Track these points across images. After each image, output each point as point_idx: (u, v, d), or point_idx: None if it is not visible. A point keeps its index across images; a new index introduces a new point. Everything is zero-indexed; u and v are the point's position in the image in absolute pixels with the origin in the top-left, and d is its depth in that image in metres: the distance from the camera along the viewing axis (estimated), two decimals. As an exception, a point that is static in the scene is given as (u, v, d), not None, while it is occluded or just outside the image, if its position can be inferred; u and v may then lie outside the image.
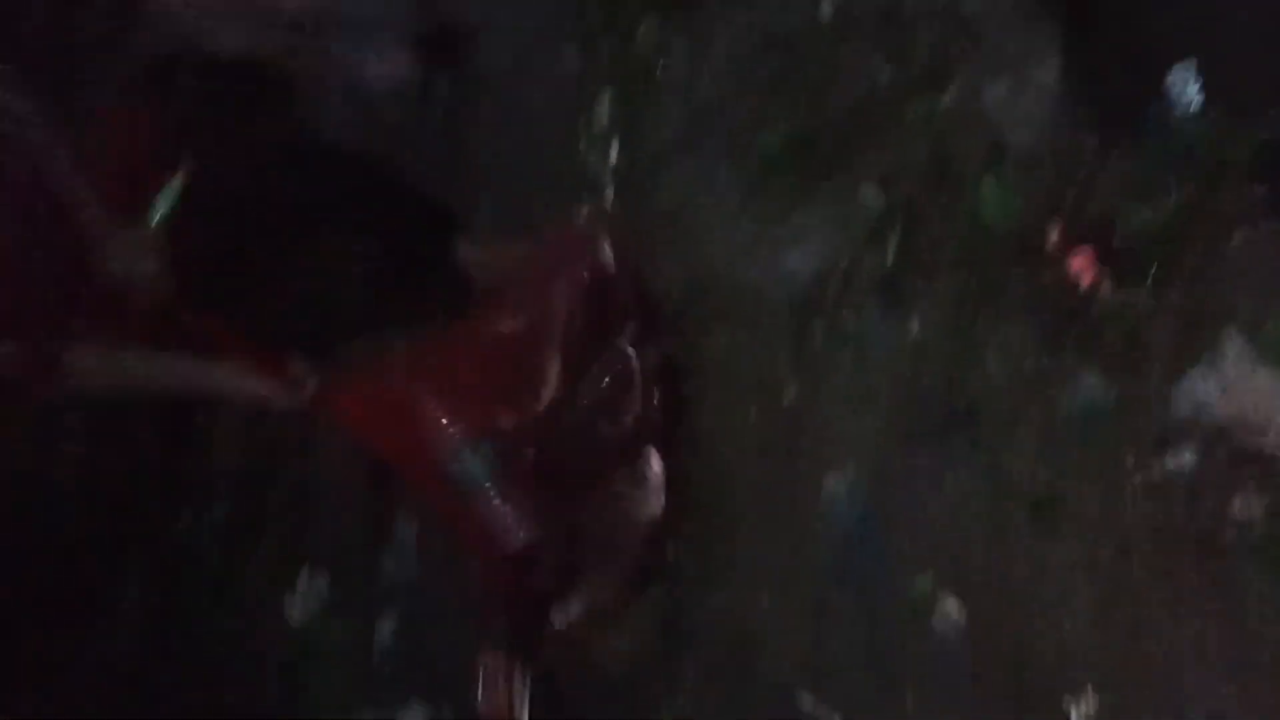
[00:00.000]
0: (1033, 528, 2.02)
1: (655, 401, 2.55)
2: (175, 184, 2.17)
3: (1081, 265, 2.06)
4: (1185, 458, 1.85)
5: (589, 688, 2.77)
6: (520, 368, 2.47)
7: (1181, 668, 1.83)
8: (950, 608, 2.12)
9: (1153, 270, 1.97)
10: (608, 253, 2.55)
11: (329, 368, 2.68)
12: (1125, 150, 2.06)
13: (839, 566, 2.31)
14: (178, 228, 2.18)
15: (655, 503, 2.57)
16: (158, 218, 2.15)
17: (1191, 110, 1.99)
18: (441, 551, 3.08)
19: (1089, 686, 1.92)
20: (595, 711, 2.75)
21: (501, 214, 2.99)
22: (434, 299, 2.60)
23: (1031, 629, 2.01)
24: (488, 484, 2.41)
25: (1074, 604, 1.96)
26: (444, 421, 2.43)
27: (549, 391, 2.47)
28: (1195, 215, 1.97)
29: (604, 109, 2.81)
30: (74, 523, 3.81)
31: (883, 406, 2.28)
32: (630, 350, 2.56)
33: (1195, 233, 1.96)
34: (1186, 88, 2.01)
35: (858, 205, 2.38)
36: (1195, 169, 1.99)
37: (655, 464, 2.56)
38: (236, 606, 3.61)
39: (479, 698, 2.84)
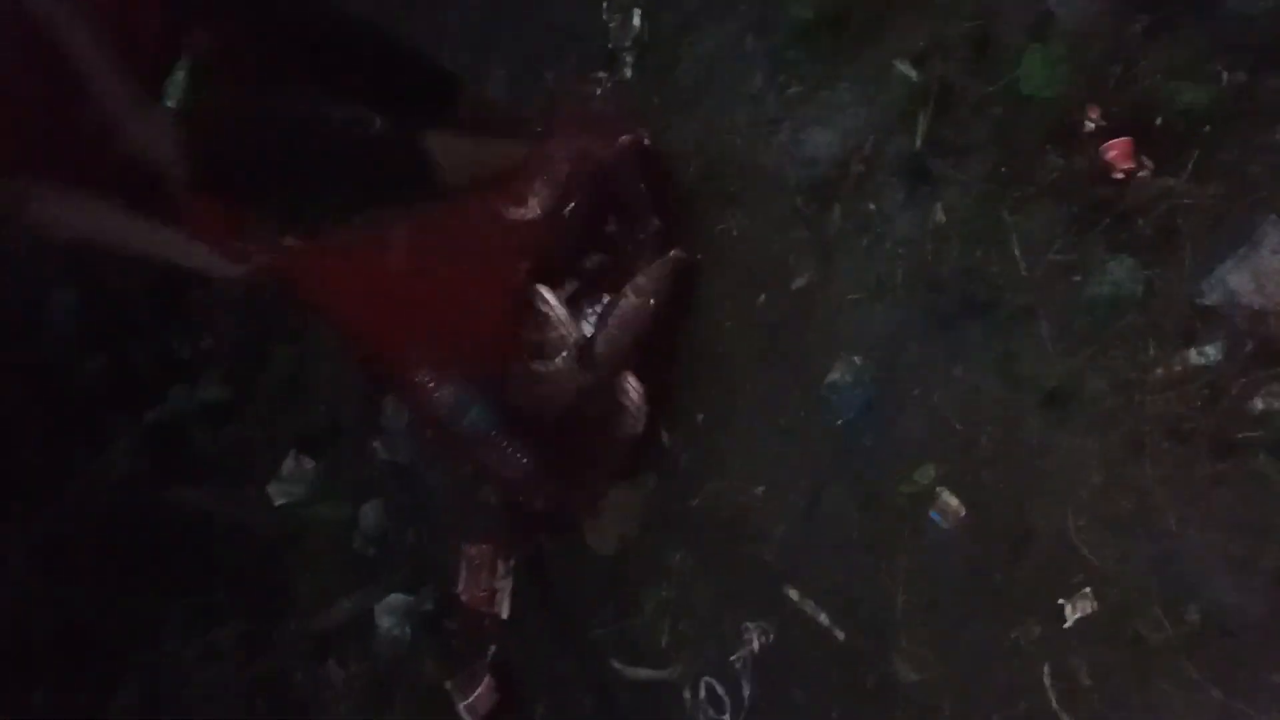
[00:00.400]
0: (1043, 420, 1.94)
1: (663, 289, 2.47)
2: (181, 72, 2.09)
3: (1118, 152, 1.95)
4: (1209, 351, 1.75)
5: (576, 572, 2.72)
6: (523, 255, 2.39)
7: (1186, 568, 1.74)
8: (950, 501, 2.04)
9: (1193, 158, 1.86)
10: (627, 136, 2.45)
11: (294, 237, 2.59)
12: (1175, 33, 1.94)
13: (837, 457, 2.24)
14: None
15: (635, 415, 2.49)
16: (172, 100, 2.07)
17: (1250, -9, 1.87)
18: (429, 441, 3.04)
19: (1088, 588, 1.84)
20: (581, 596, 2.71)
21: (516, 82, 2.91)
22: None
23: (1032, 525, 1.93)
24: (493, 433, 2.39)
25: (1078, 500, 1.88)
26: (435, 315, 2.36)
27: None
28: (1240, 103, 1.86)
29: (629, -28, 2.72)
30: (63, 393, 3.80)
31: (898, 294, 2.20)
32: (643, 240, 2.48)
33: (1239, 121, 1.85)
34: (1246, -32, 1.89)
35: (889, 83, 2.27)
36: (1244, 56, 1.87)
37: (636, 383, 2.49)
38: (221, 485, 3.60)
39: (460, 587, 2.85)
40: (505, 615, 2.90)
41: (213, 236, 2.20)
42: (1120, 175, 1.95)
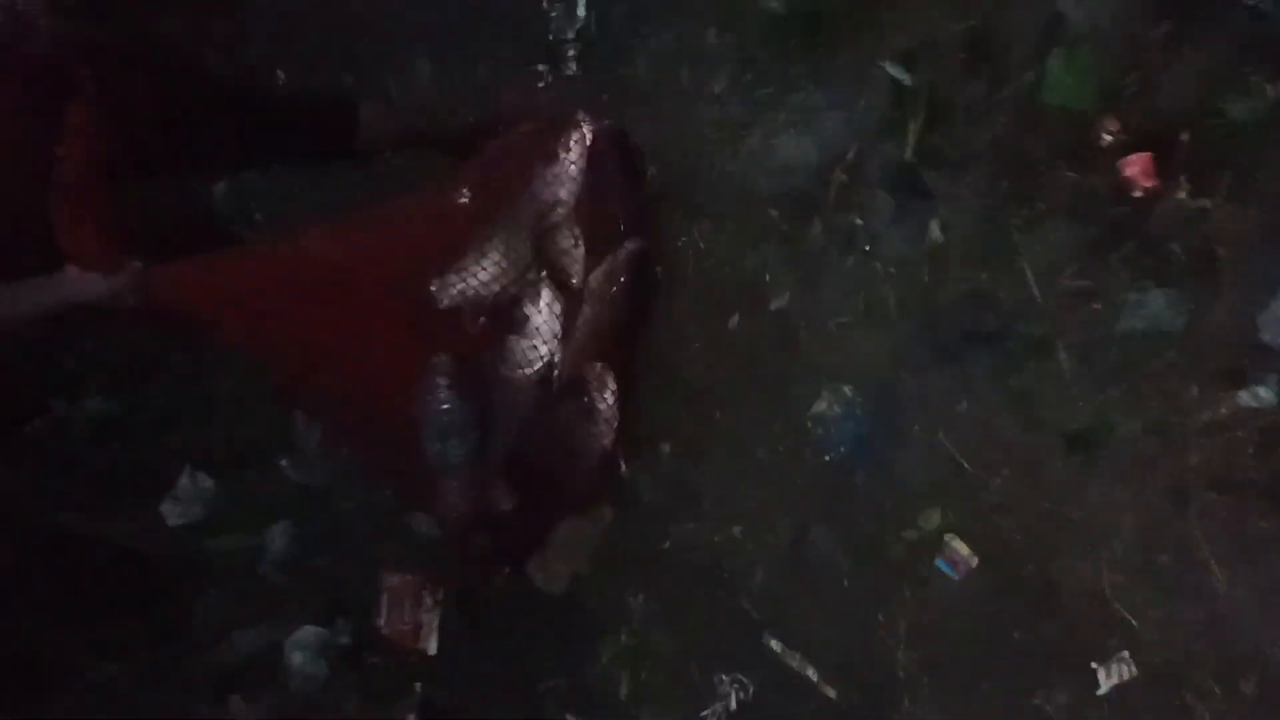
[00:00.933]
0: (1067, 463, 1.80)
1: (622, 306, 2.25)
2: None
3: (1139, 168, 1.80)
4: (1263, 392, 1.61)
5: (520, 612, 2.53)
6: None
7: (1238, 633, 1.60)
8: (960, 549, 1.88)
9: (1228, 176, 1.71)
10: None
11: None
12: (1202, 39, 1.80)
13: (825, 496, 2.07)
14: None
15: (607, 421, 2.28)
16: None
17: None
18: (345, 457, 2.80)
19: (1126, 651, 1.69)
20: (526, 638, 2.52)
21: (443, 79, 2.66)
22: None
23: (1057, 579, 1.78)
24: (460, 466, 2.19)
25: (1113, 553, 1.75)
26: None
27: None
28: (1280, 116, 1.72)
29: (573, -47, 2.50)
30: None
31: (891, 320, 2.05)
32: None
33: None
34: (1279, -36, 1.75)
35: (871, 86, 2.10)
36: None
37: (610, 380, 2.27)
38: (110, 506, 3.31)
39: (381, 619, 2.67)
40: (432, 651, 2.72)
41: (89, 243, 1.96)
42: (1141, 193, 1.80)
